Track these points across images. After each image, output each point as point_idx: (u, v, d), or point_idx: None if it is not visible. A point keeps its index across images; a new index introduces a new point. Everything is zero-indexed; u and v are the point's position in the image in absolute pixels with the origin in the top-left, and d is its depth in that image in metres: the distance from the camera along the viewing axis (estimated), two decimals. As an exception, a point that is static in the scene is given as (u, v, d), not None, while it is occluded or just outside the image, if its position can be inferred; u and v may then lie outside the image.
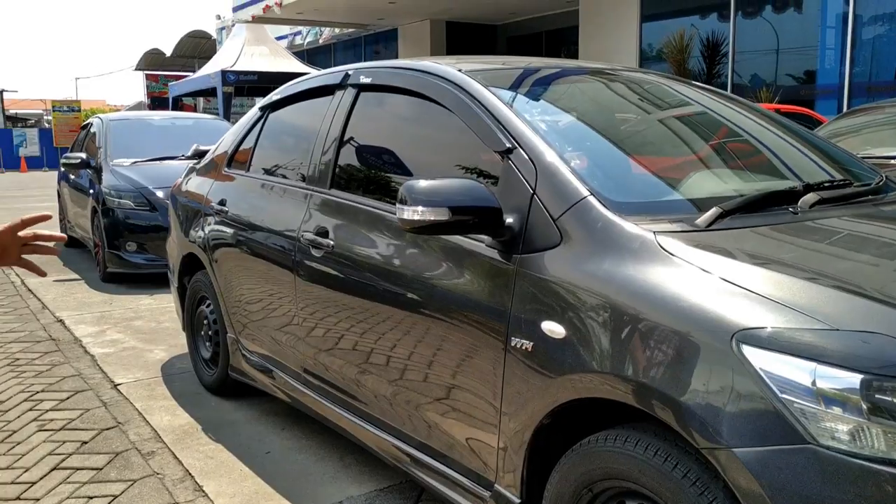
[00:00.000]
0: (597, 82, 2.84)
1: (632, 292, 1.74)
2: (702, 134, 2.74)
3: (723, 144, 2.65)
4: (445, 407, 2.28)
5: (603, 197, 1.96)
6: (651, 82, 2.91)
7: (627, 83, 2.88)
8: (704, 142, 2.68)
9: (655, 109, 2.82)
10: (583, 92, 2.75)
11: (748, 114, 2.88)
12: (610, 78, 2.88)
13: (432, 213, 1.98)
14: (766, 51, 11.73)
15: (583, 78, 2.84)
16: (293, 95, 3.46)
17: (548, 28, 17.30)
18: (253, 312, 3.39)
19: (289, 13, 16.40)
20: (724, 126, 2.78)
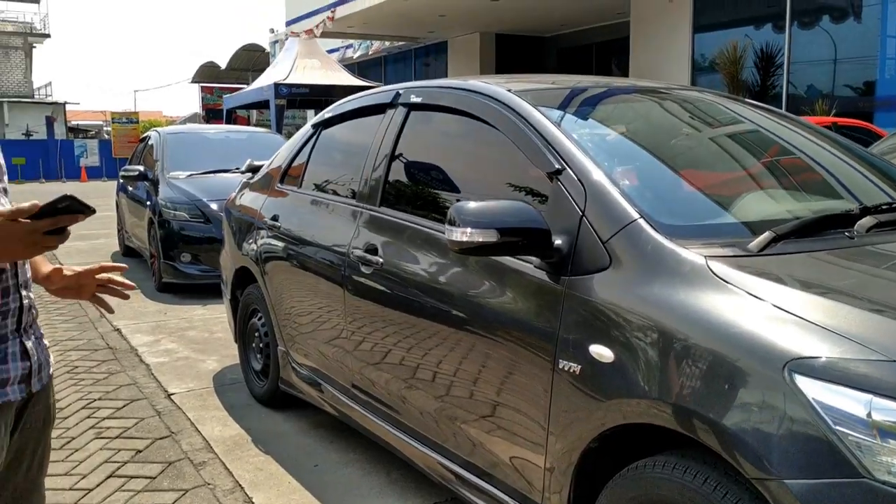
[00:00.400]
0: (646, 101, 2.83)
1: (682, 318, 1.72)
2: (754, 153, 2.71)
3: (776, 164, 2.62)
4: (490, 425, 2.28)
5: (653, 220, 1.95)
6: (701, 100, 2.88)
7: (677, 101, 2.86)
8: (757, 161, 2.65)
9: (706, 128, 2.79)
10: (632, 111, 2.74)
11: (802, 132, 2.84)
12: (660, 96, 2.86)
13: (481, 234, 2.00)
14: (823, 61, 11.49)
15: (632, 97, 2.83)
16: (345, 113, 3.52)
17: (598, 40, 17.21)
18: (302, 326, 3.44)
19: (340, 27, 16.64)
20: (777, 145, 2.74)
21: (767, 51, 11.89)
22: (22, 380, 1.60)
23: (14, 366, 1.59)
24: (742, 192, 2.35)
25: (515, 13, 15.24)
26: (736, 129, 2.79)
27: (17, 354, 1.60)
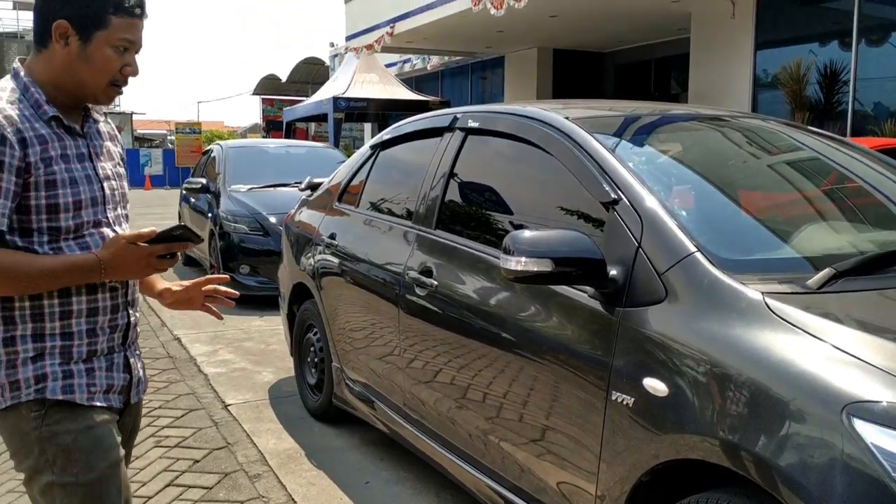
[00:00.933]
0: (704, 129, 2.81)
1: (738, 355, 1.71)
2: (814, 182, 2.67)
3: (838, 194, 2.57)
4: (540, 449, 2.29)
5: (710, 253, 1.94)
6: (759, 128, 2.85)
7: (735, 129, 2.83)
8: (818, 191, 2.61)
9: (764, 156, 2.76)
10: (690, 139, 2.72)
11: (865, 160, 2.78)
12: (717, 124, 2.84)
13: (535, 263, 2.01)
14: (892, 79, 11.17)
15: (690, 124, 2.82)
16: (403, 135, 3.58)
17: (657, 56, 17.05)
18: (356, 342, 3.50)
19: (399, 42, 16.83)
20: (839, 174, 2.69)
21: (832, 68, 11.62)
22: (122, 390, 1.76)
23: (118, 376, 1.75)
24: (802, 224, 2.32)
25: (573, 29, 15.22)
26: (796, 158, 2.75)
27: (121, 366, 1.76)
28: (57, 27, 1.61)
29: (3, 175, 1.54)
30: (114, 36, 1.63)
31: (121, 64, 1.66)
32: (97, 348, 1.70)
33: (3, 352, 1.62)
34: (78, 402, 1.65)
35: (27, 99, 1.64)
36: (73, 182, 1.64)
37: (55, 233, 1.62)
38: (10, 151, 1.55)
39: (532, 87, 18.15)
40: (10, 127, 1.56)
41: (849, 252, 2.10)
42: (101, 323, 1.70)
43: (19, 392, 1.62)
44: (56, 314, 1.64)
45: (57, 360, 1.64)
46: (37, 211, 1.60)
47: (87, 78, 1.65)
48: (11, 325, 1.62)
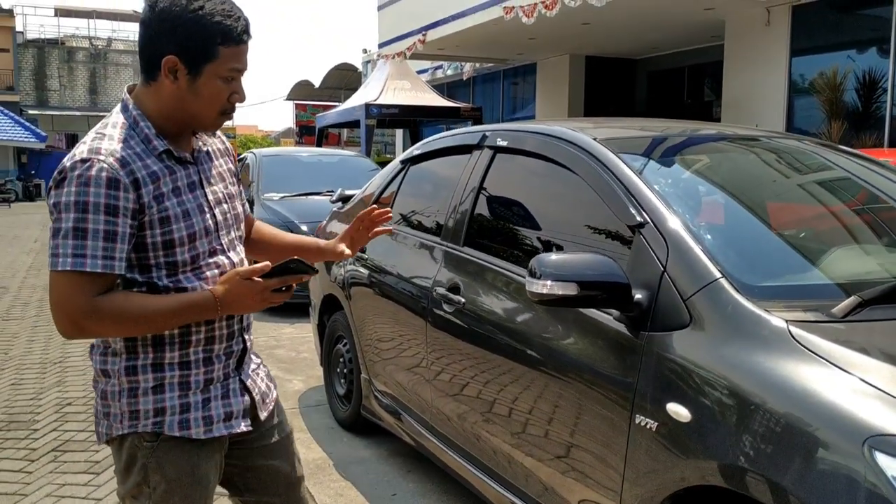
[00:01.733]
0: (734, 150, 2.81)
1: (761, 383, 1.72)
2: (845, 205, 2.65)
3: (868, 217, 2.56)
4: (563, 467, 2.30)
5: (735, 279, 1.95)
6: (790, 149, 2.84)
7: (766, 150, 2.83)
8: (847, 214, 2.59)
9: (794, 178, 2.75)
10: (719, 161, 2.73)
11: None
12: (748, 145, 2.84)
13: (561, 287, 2.03)
14: (932, 88, 10.97)
15: (719, 146, 2.81)
16: (433, 151, 3.62)
17: (690, 63, 16.92)
18: (384, 354, 3.54)
19: (430, 49, 16.90)
20: (870, 196, 2.67)
21: (870, 76, 11.44)
22: (245, 414, 1.78)
23: (236, 401, 1.77)
24: (831, 248, 2.31)
25: (606, 36, 15.17)
26: (825, 178, 2.74)
27: (238, 391, 1.78)
28: (166, 63, 1.60)
29: (119, 220, 1.55)
30: (223, 67, 1.62)
31: (229, 92, 1.66)
32: (213, 376, 1.73)
33: (126, 380, 1.66)
34: (194, 437, 1.69)
35: (137, 134, 1.64)
36: (185, 215, 1.65)
37: (172, 267, 1.64)
38: (125, 195, 1.55)
39: (564, 93, 18.11)
40: (122, 169, 1.56)
41: (878, 277, 2.09)
42: (216, 351, 1.73)
43: (137, 422, 1.66)
44: (175, 344, 1.67)
45: (176, 392, 1.68)
46: (153, 248, 1.62)
47: (196, 110, 1.65)
48: (134, 354, 1.66)
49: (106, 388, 1.69)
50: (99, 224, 1.52)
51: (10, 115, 29.86)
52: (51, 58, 38.83)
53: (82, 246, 1.52)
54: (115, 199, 1.54)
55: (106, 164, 1.55)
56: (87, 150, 1.57)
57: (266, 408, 1.87)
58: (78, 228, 1.52)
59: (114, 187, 1.54)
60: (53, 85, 38.82)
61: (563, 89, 18.16)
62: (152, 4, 1.61)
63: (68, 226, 1.52)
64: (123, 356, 1.66)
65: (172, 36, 1.58)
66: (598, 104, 17.96)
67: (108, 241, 1.53)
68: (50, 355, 5.86)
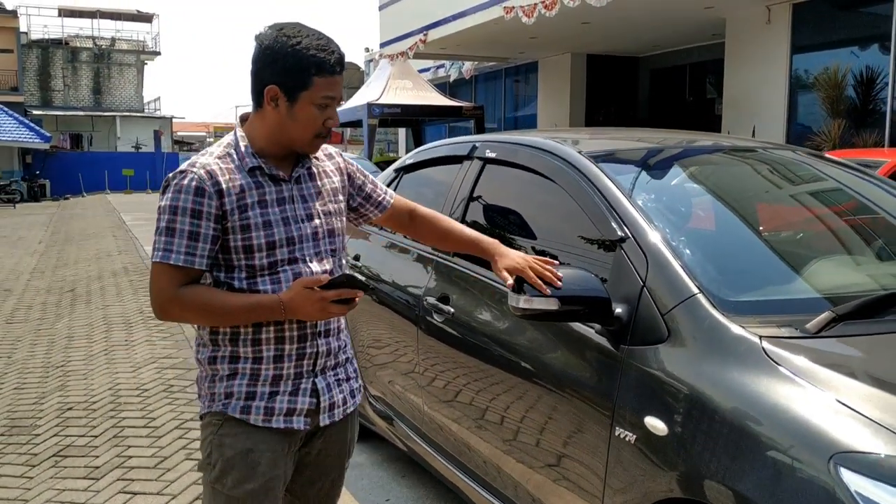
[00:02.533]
0: (724, 163, 2.84)
1: (734, 399, 1.76)
2: (824, 219, 2.68)
3: (852, 230, 2.59)
4: (552, 476, 2.34)
5: (712, 295, 1.98)
6: (782, 160, 2.87)
7: (759, 162, 2.85)
8: (832, 227, 2.62)
9: (782, 190, 2.78)
10: (706, 174, 2.76)
11: (886, 191, 2.78)
12: (741, 157, 2.87)
13: (542, 302, 2.07)
14: (933, 85, 10.96)
15: (710, 158, 2.85)
16: (425, 161, 3.66)
17: (692, 61, 16.91)
18: (377, 360, 3.59)
19: (432, 48, 16.94)
20: (858, 209, 2.70)
21: (870, 73, 11.44)
22: (308, 413, 1.91)
23: (303, 400, 1.91)
24: (811, 262, 2.35)
25: (607, 35, 15.19)
26: (814, 190, 2.77)
27: (308, 391, 1.91)
28: (268, 92, 1.82)
29: (202, 222, 1.79)
30: (317, 95, 1.82)
31: (323, 118, 1.85)
32: (283, 373, 1.88)
33: (209, 368, 1.91)
34: (252, 422, 1.86)
35: (236, 152, 1.87)
36: (266, 225, 1.84)
37: (251, 270, 1.84)
38: (208, 202, 1.79)
39: (566, 91, 18.13)
40: (209, 180, 1.79)
41: (856, 291, 2.12)
42: (287, 350, 1.88)
43: (212, 403, 1.89)
44: (249, 340, 1.86)
45: (246, 380, 1.87)
46: (235, 251, 1.83)
47: (294, 133, 1.85)
48: (215, 346, 1.89)
49: (199, 374, 1.95)
50: (185, 225, 1.78)
51: (15, 116, 29.98)
52: (55, 58, 38.93)
53: (170, 242, 1.78)
54: (200, 204, 1.78)
55: (196, 175, 1.80)
56: (188, 163, 1.85)
57: (331, 416, 1.96)
58: (169, 228, 1.78)
59: (199, 194, 1.78)
60: (57, 85, 38.94)
61: (565, 87, 18.17)
62: (260, 43, 1.84)
63: (162, 225, 1.79)
64: (209, 347, 1.90)
65: (273, 68, 1.81)
66: (601, 102, 17.98)
67: (192, 240, 1.78)
68: (52, 359, 5.93)
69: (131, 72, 40.87)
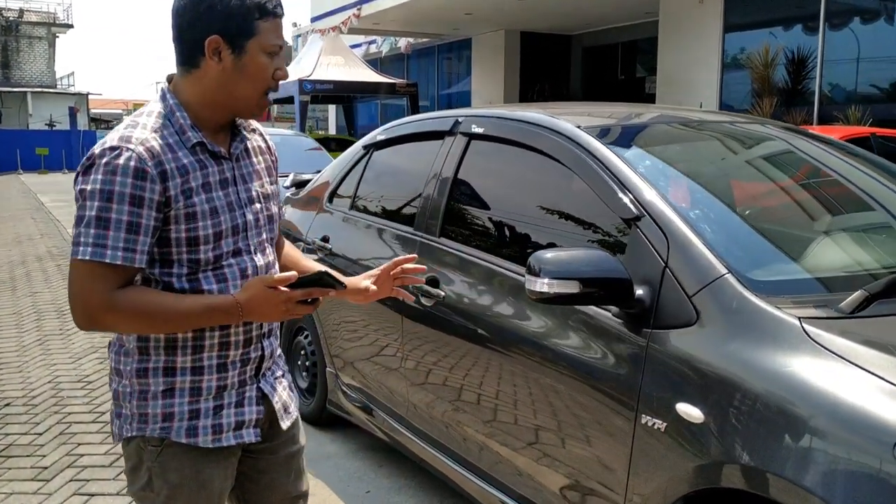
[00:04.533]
0: (728, 139, 2.77)
1: (779, 383, 1.69)
2: (846, 198, 2.61)
3: (869, 210, 2.55)
4: (561, 466, 2.26)
5: (741, 275, 1.91)
6: (786, 137, 2.81)
7: (761, 139, 2.79)
8: (850, 208, 2.56)
9: (792, 169, 2.73)
10: (714, 151, 2.69)
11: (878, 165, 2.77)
12: (742, 133, 2.81)
13: (562, 285, 1.97)
14: (857, 64, 11.33)
15: (715, 133, 2.77)
16: (399, 137, 3.49)
17: (625, 39, 17.09)
18: (354, 349, 3.43)
19: (365, 24, 16.61)
20: (869, 188, 2.65)
21: (800, 53, 11.74)
22: (258, 423, 1.72)
23: (250, 410, 1.70)
24: (827, 239, 2.30)
25: (542, 11, 15.16)
26: (824, 171, 2.71)
27: (254, 399, 1.71)
28: (209, 43, 1.56)
29: (144, 211, 1.51)
30: (265, 41, 1.59)
31: (273, 69, 1.62)
32: (227, 383, 1.67)
33: (137, 382, 1.62)
34: (201, 445, 1.64)
35: (172, 124, 1.60)
36: (213, 212, 1.60)
37: (194, 265, 1.60)
38: (151, 186, 1.51)
39: (500, 69, 18.08)
40: (151, 160, 1.52)
41: (873, 268, 2.08)
42: (231, 357, 1.67)
43: (145, 426, 1.62)
44: (189, 348, 1.62)
45: (186, 398, 1.63)
46: (177, 244, 1.58)
47: (242, 90, 1.61)
48: (144, 355, 1.62)
49: (118, 389, 1.66)
50: (123, 215, 1.49)
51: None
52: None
53: (104, 236, 1.48)
54: (142, 189, 1.50)
55: (135, 154, 1.51)
56: (117, 137, 1.53)
57: (289, 417, 1.81)
58: (101, 218, 1.48)
59: (140, 178, 1.50)
60: (-38, 59, 36.74)
61: (498, 65, 18.12)
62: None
63: (91, 214, 1.48)
64: (136, 357, 1.62)
65: (211, 17, 1.56)
66: (534, 79, 18.01)
67: (131, 233, 1.50)
68: (-19, 352, 5.53)
69: (42, 45, 38.86)
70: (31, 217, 14.62)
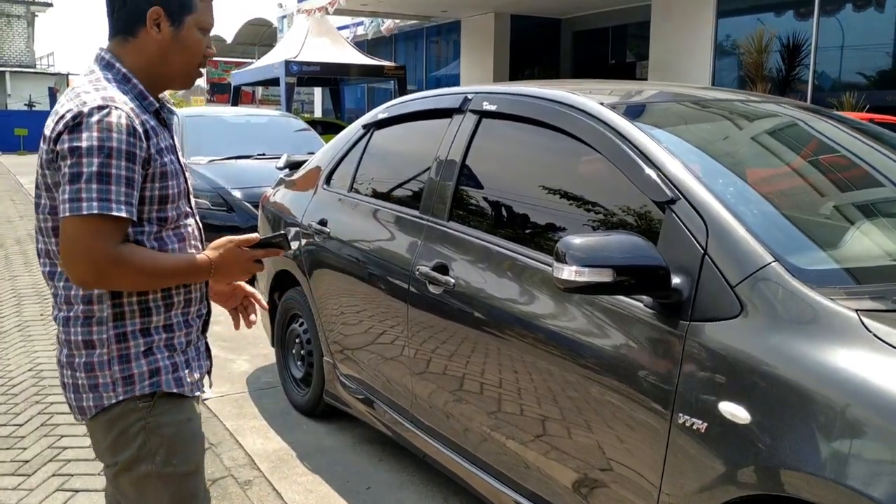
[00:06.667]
0: (764, 119, 2.62)
1: (837, 382, 1.55)
2: (882, 181, 2.48)
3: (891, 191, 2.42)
4: (585, 466, 2.12)
5: (789, 263, 1.76)
6: (828, 119, 2.67)
7: (801, 122, 2.63)
8: (889, 192, 2.42)
9: (834, 152, 2.57)
10: (750, 131, 2.53)
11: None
12: (768, 111, 2.66)
13: (595, 273, 1.81)
14: (851, 50, 11.24)
15: (749, 113, 2.62)
16: (402, 115, 3.32)
17: (615, 23, 16.91)
18: (353, 337, 3.27)
19: (353, 4, 16.31)
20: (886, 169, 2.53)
21: (794, 39, 11.62)
22: (203, 378, 1.82)
23: (203, 364, 1.83)
24: (878, 228, 2.16)
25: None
26: (868, 153, 2.56)
27: (204, 354, 1.84)
28: (151, 14, 1.65)
29: (136, 167, 1.56)
30: (202, 18, 1.70)
31: (204, 45, 1.72)
32: (190, 339, 1.77)
33: (116, 348, 1.65)
34: (187, 394, 1.72)
35: (131, 90, 1.65)
36: (174, 174, 1.68)
37: (162, 223, 1.66)
38: (140, 144, 1.57)
39: (489, 52, 17.84)
40: (136, 119, 1.58)
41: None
42: (192, 314, 1.76)
43: (133, 386, 1.66)
44: (161, 307, 1.69)
45: (165, 353, 1.70)
46: (150, 201, 1.63)
47: (178, 62, 1.70)
48: (122, 320, 1.65)
49: (92, 360, 1.66)
50: (121, 170, 1.53)
51: None
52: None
53: (107, 191, 1.51)
54: (133, 146, 1.55)
55: (124, 112, 1.56)
56: (99, 97, 1.57)
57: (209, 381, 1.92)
58: (102, 173, 1.51)
59: (132, 135, 1.56)
60: (-62, 37, 35.93)
61: (488, 48, 17.88)
62: None
63: (92, 170, 1.51)
64: (110, 324, 1.65)
65: None
66: (523, 64, 17.79)
67: (129, 188, 1.55)
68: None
69: (21, 24, 38.04)
70: (10, 199, 14.27)
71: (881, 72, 10.90)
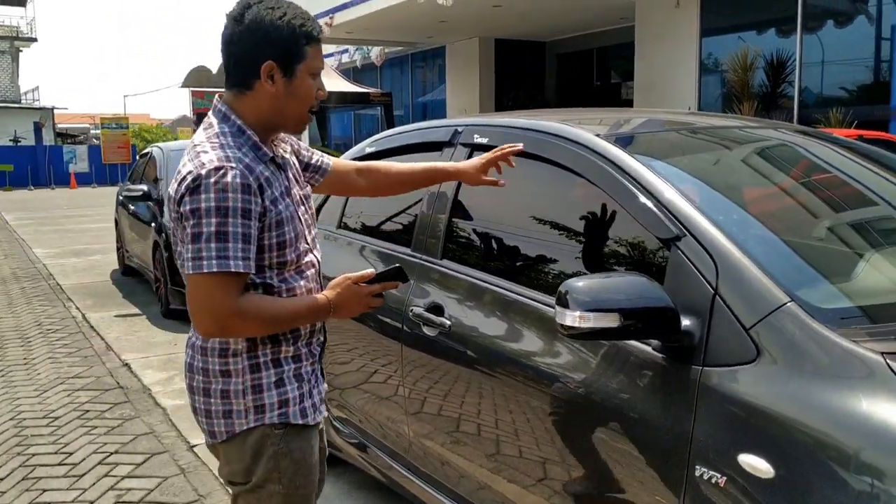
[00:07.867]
0: (766, 148, 2.53)
1: (866, 432, 1.44)
2: (871, 207, 2.42)
3: None
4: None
5: (805, 303, 1.66)
6: (835, 147, 2.58)
7: (804, 148, 2.55)
8: (880, 216, 2.36)
9: (845, 183, 2.48)
10: (753, 161, 2.45)
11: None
12: (781, 141, 2.57)
13: (600, 318, 1.71)
14: (836, 67, 11.27)
15: (756, 143, 2.54)
16: (391, 149, 3.22)
17: (598, 45, 16.98)
18: (342, 378, 3.14)
19: (338, 33, 16.32)
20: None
21: (778, 57, 11.65)
22: (322, 402, 1.91)
23: (323, 388, 1.93)
24: (887, 260, 2.07)
25: (516, 18, 14.98)
26: (872, 179, 2.48)
27: (321, 380, 1.93)
28: (265, 68, 1.72)
29: (251, 223, 1.65)
30: (312, 64, 1.77)
31: (315, 89, 1.79)
32: (312, 367, 1.87)
33: (251, 378, 1.77)
34: (311, 423, 1.84)
35: (245, 142, 1.73)
36: (290, 218, 1.76)
37: (282, 267, 1.76)
38: (255, 199, 1.66)
39: (475, 76, 17.88)
40: (251, 175, 1.66)
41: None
42: (313, 344, 1.88)
43: (263, 415, 1.78)
44: (290, 339, 1.81)
45: (294, 384, 1.81)
46: (269, 249, 1.73)
47: (291, 110, 1.77)
48: (254, 351, 1.77)
49: (228, 388, 1.78)
50: (237, 227, 1.63)
51: None
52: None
53: (225, 248, 1.62)
54: (249, 203, 1.64)
55: (238, 171, 1.64)
56: (215, 157, 1.65)
57: None
58: (220, 232, 1.62)
59: (247, 192, 1.64)
60: (-77, 75, 35.78)
61: (473, 72, 17.93)
62: (238, 19, 1.73)
63: (210, 230, 1.62)
64: (244, 355, 1.77)
65: (266, 43, 1.72)
66: (509, 87, 17.82)
67: (245, 243, 1.64)
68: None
69: (5, 59, 38.00)
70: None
71: (866, 87, 10.92)
